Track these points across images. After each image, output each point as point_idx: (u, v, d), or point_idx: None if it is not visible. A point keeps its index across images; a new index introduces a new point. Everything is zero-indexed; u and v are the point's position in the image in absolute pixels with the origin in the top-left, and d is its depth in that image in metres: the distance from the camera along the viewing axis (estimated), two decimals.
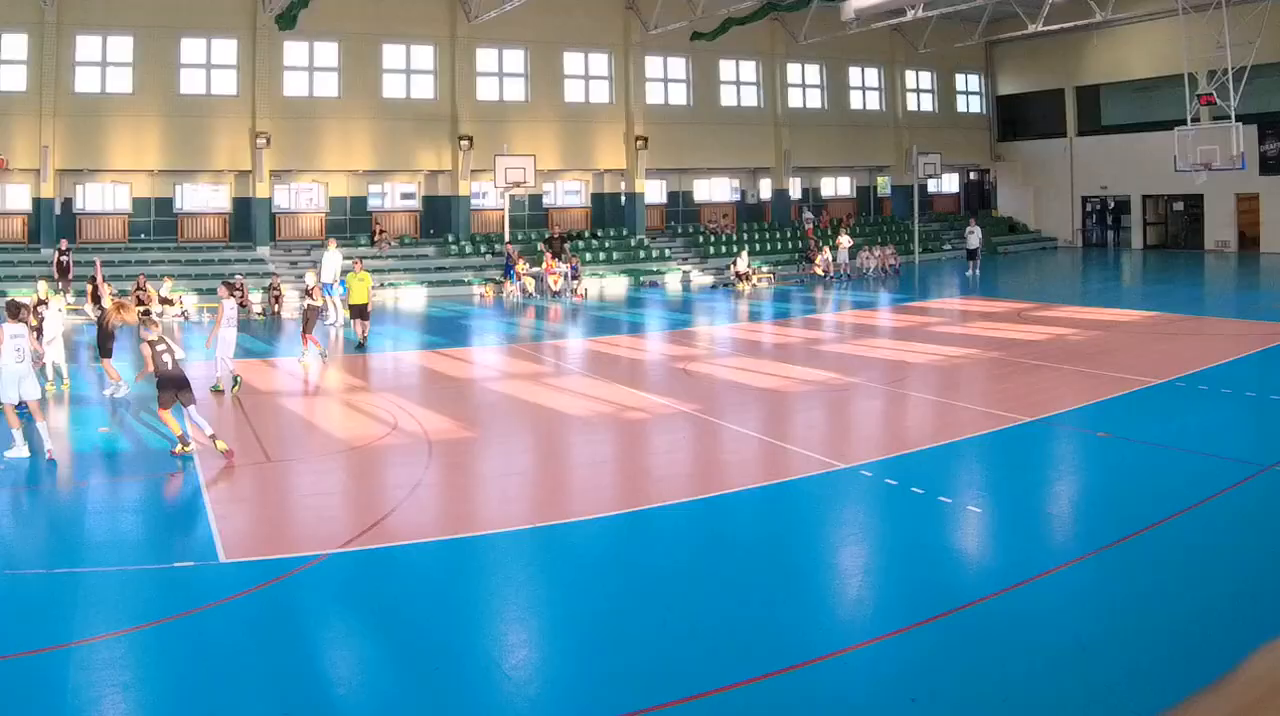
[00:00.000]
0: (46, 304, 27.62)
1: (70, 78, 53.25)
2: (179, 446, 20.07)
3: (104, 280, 42.44)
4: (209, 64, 55.94)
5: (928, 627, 11.87)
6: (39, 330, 24.37)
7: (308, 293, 34.13)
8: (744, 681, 10.65)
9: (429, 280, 55.78)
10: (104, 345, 26.81)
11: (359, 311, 35.35)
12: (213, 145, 55.64)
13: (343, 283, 39.80)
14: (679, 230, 67.73)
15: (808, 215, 68.72)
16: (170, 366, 19.97)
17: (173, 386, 19.90)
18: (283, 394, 27.75)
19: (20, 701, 10.37)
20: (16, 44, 52.37)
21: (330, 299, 41.45)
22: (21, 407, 20.16)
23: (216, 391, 26.17)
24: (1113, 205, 75.36)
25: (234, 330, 26.64)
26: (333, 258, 45.20)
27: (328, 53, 57.96)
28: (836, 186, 75.52)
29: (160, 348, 19.99)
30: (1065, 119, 74.87)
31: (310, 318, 32.32)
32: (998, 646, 11.58)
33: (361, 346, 34.28)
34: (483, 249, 59.60)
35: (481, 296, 53.40)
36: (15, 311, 20.60)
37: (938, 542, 15.21)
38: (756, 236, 66.18)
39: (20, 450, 19.83)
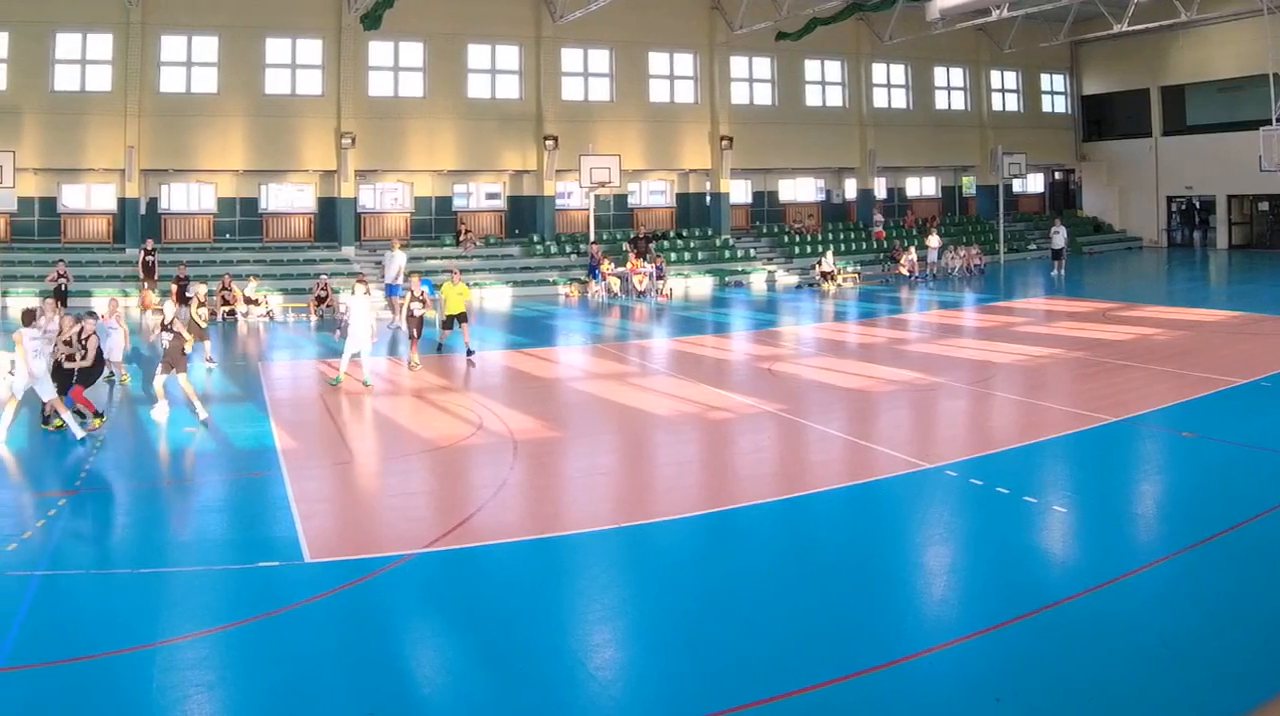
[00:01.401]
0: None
1: (155, 78, 51.04)
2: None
3: (183, 281, 41.01)
4: (294, 64, 53.62)
5: (1013, 627, 11.62)
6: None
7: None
8: (829, 681, 10.38)
9: (514, 280, 53.35)
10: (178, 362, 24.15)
11: (452, 321, 32.10)
12: (298, 145, 53.48)
13: (428, 284, 36.30)
14: (764, 230, 64.60)
15: (877, 218, 64.81)
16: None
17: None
18: (367, 394, 26.22)
19: (106, 702, 10.11)
20: (102, 44, 50.12)
21: (394, 301, 39.30)
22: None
23: (334, 384, 26.10)
24: (1198, 205, 71.91)
25: (367, 325, 25.93)
26: (396, 258, 42.68)
27: (413, 53, 55.66)
28: (921, 186, 71.84)
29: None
30: (1150, 119, 70.63)
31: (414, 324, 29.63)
32: (1083, 646, 11.13)
33: (469, 352, 31.38)
34: (568, 249, 57.16)
35: (566, 296, 51.14)
36: (30, 318, 20.84)
37: (1023, 543, 14.85)
38: (841, 236, 63.26)
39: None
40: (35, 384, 20.52)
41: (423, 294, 29.71)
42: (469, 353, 31.32)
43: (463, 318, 31.72)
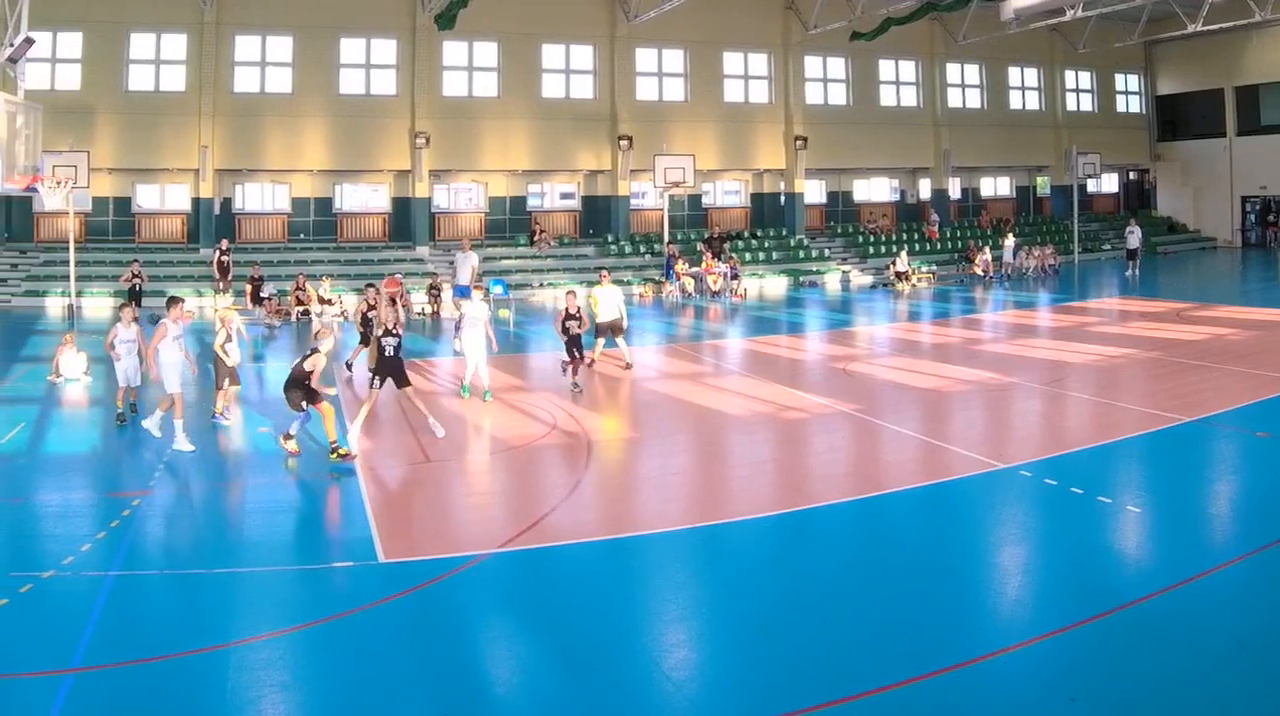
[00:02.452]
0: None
1: (229, 78, 49.12)
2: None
3: (258, 281, 40.96)
4: (368, 64, 51.40)
5: (1087, 627, 11.21)
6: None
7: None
8: (904, 681, 10.00)
9: (588, 280, 48.74)
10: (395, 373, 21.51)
11: (606, 328, 28.53)
12: (372, 145, 51.16)
13: (501, 283, 34.10)
14: (838, 230, 61.86)
15: (934, 217, 61.88)
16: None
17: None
18: (442, 394, 24.98)
19: (180, 702, 9.82)
20: (176, 44, 48.24)
21: (457, 302, 36.91)
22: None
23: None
24: (1273, 205, 67.88)
25: (479, 331, 23.90)
26: (469, 259, 40.05)
27: (487, 52, 53.25)
28: (996, 187, 68.66)
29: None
30: (1225, 118, 66.99)
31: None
32: (1157, 646, 10.83)
33: (627, 367, 28.24)
34: (642, 249, 54.94)
35: (641, 296, 48.46)
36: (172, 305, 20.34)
37: (1097, 542, 14.29)
38: (916, 236, 60.36)
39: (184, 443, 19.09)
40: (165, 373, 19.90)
41: (578, 311, 25.40)
42: (627, 366, 28.21)
43: (616, 328, 28.33)
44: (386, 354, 20.24)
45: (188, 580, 13.03)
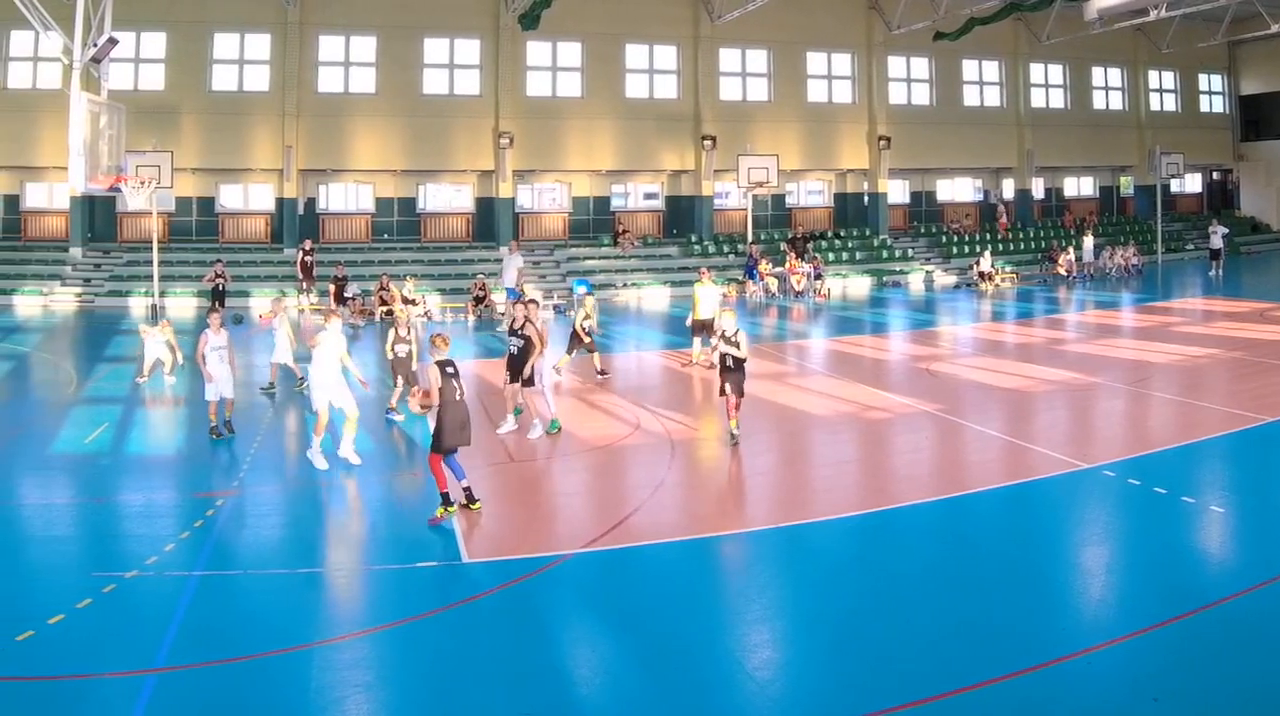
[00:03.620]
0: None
1: (313, 78, 46.57)
2: (441, 511, 14.99)
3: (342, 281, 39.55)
4: (451, 64, 48.56)
5: (1171, 627, 10.87)
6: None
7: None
8: (987, 681, 9.64)
9: (671, 280, 47.73)
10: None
11: (702, 327, 26.44)
12: (456, 145, 48.36)
13: (585, 284, 33.40)
14: (921, 230, 58.11)
15: (1000, 209, 58.73)
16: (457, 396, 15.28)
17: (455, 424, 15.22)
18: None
19: (263, 702, 9.48)
20: (259, 44, 45.80)
21: (511, 305, 34.10)
22: None
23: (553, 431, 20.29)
24: None
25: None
26: (514, 261, 38.05)
27: (570, 52, 50.13)
28: (1079, 186, 63.83)
29: (450, 371, 15.40)
30: None
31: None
32: (1241, 646, 10.36)
33: (712, 366, 24.74)
34: (725, 249, 51.44)
35: (724, 296, 44.07)
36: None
37: (1180, 542, 13.80)
38: (999, 236, 56.96)
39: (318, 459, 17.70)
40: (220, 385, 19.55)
41: (736, 335, 19.28)
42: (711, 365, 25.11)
43: (710, 327, 24.75)
44: (511, 352, 19.46)
45: (271, 580, 12.63)
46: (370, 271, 42.96)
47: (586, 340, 25.10)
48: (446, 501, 14.81)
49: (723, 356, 18.85)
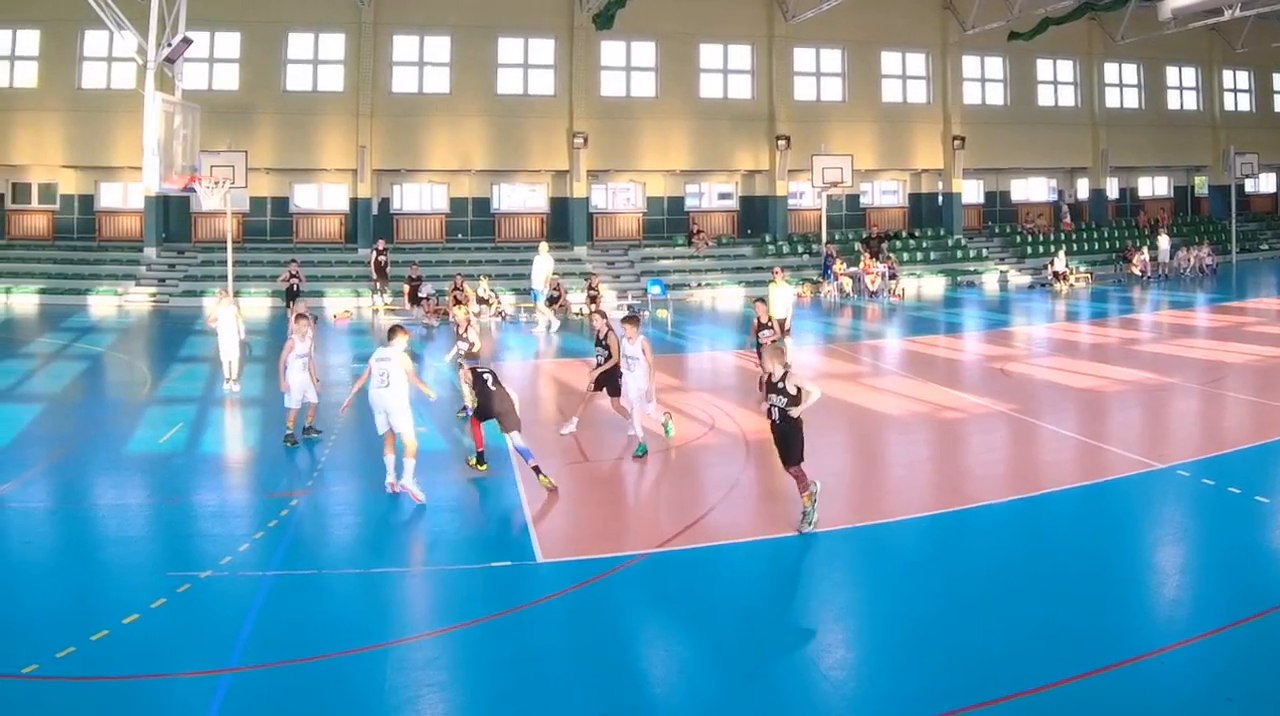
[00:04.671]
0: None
1: (387, 78, 44.01)
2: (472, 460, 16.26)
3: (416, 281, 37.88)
4: (526, 64, 45.82)
5: (1245, 627, 10.21)
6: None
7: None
8: (1061, 681, 9.15)
9: (745, 280, 44.92)
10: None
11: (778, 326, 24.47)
12: (530, 145, 45.72)
13: (659, 284, 32.18)
14: (996, 230, 54.61)
15: (1065, 211, 55.85)
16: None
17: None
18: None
19: (337, 702, 9.11)
20: (334, 44, 43.41)
21: (539, 305, 34.80)
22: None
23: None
24: None
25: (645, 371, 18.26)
26: (543, 262, 35.88)
27: (645, 52, 47.22)
28: (1153, 186, 59.36)
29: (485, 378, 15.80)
30: None
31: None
32: None
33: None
34: (800, 249, 48.36)
35: (799, 296, 42.43)
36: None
37: (1254, 542, 13.01)
38: (1074, 236, 53.29)
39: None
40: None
41: (770, 320, 20.31)
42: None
43: (782, 327, 24.61)
44: (598, 362, 18.61)
45: (345, 580, 12.14)
46: (444, 271, 40.46)
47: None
48: (480, 458, 15.86)
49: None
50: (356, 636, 10.43)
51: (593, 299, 37.35)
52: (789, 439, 13.51)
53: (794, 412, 13.18)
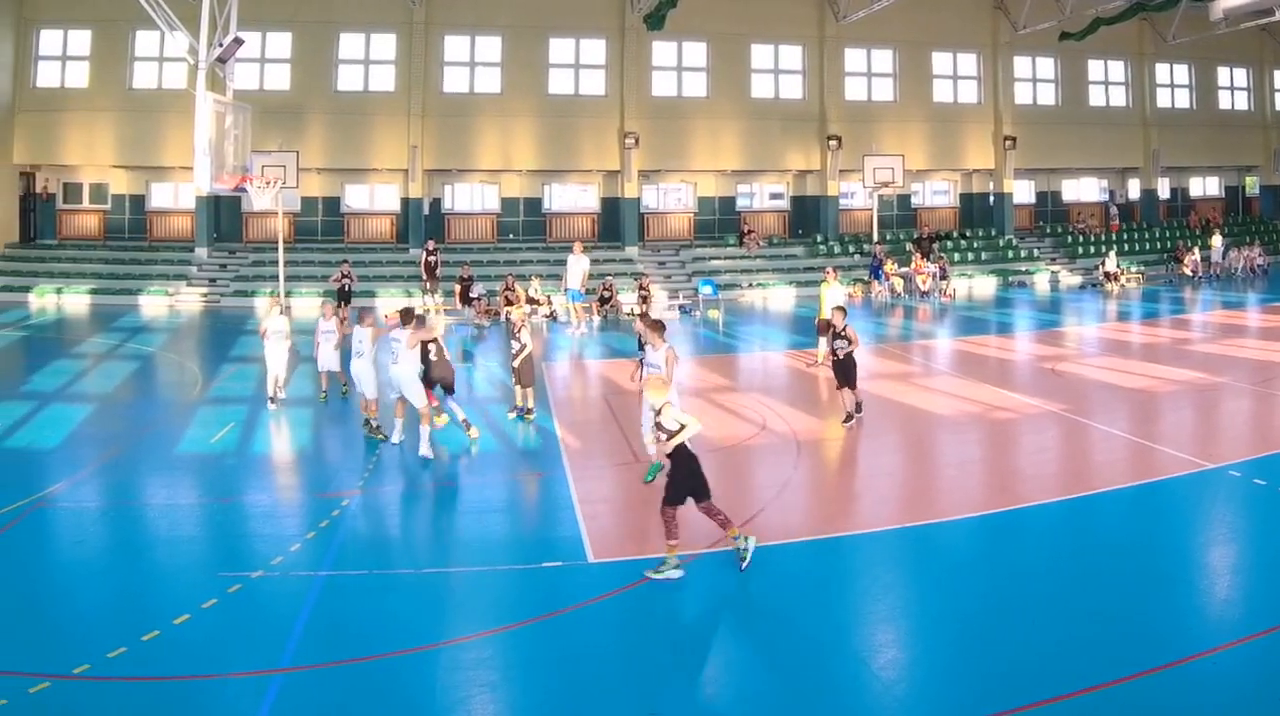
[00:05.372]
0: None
1: (439, 78, 42.23)
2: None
3: (467, 281, 36.46)
4: (577, 64, 43.90)
5: None
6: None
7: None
8: (1112, 681, 8.85)
9: (796, 280, 42.95)
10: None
11: (827, 327, 23.36)
12: (581, 145, 43.87)
13: (710, 284, 32.28)
14: (1047, 230, 51.98)
15: (1113, 211, 53.45)
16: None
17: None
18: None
19: (389, 702, 8.80)
20: (385, 44, 41.69)
21: (575, 306, 33.17)
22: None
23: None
24: None
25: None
26: (578, 263, 33.91)
27: (696, 53, 45.16)
28: (1205, 186, 56.90)
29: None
30: None
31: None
32: None
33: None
34: (851, 249, 46.08)
35: (850, 296, 40.30)
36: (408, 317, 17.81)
37: None
38: (1125, 236, 50.77)
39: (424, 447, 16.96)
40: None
41: (845, 329, 19.10)
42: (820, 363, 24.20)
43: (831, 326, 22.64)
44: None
45: (396, 580, 11.67)
46: (495, 272, 38.98)
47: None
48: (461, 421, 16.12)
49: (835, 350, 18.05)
50: (408, 636, 10.12)
51: (644, 299, 35.99)
52: (673, 472, 11.90)
53: (669, 446, 11.84)
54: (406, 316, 17.60)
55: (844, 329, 18.80)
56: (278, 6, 39.89)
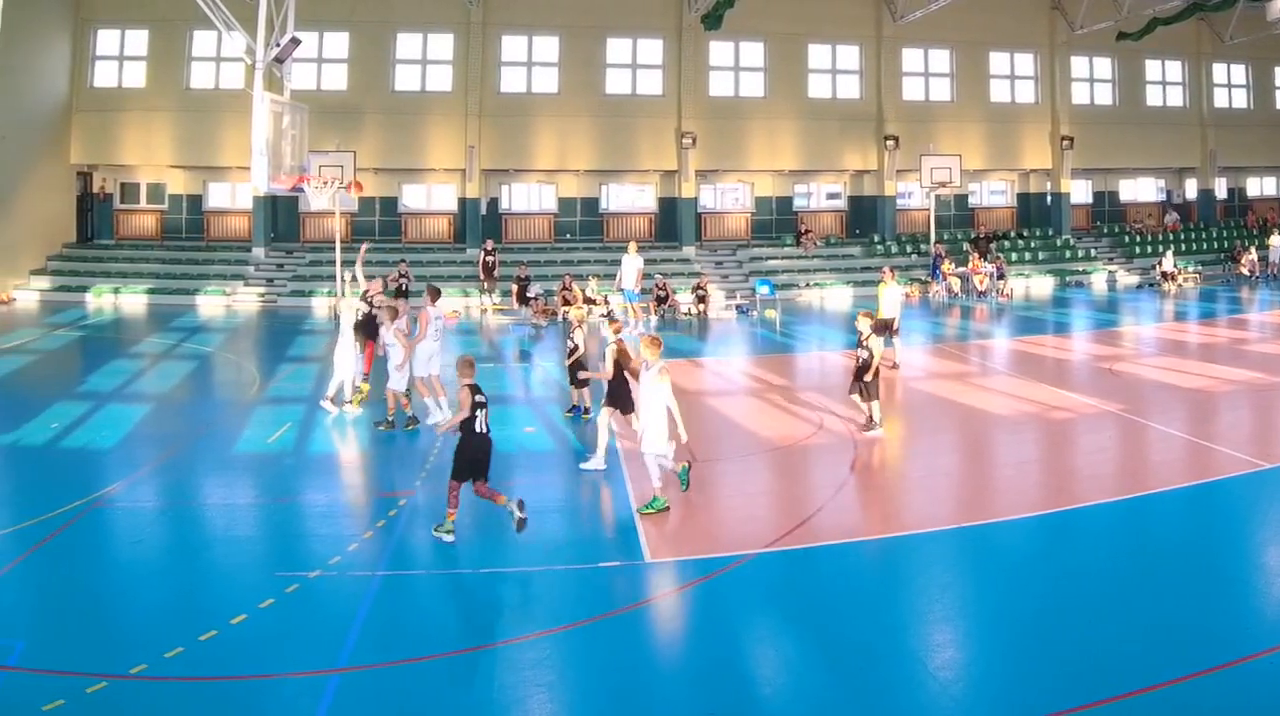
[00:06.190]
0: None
1: (496, 78, 40.30)
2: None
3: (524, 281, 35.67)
4: (634, 64, 41.91)
5: None
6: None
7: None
8: (1170, 681, 8.52)
9: (854, 280, 40.99)
10: None
11: (884, 327, 23.10)
12: (638, 145, 41.89)
13: (768, 284, 31.80)
14: (1104, 230, 49.75)
15: (1174, 216, 50.98)
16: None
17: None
18: (709, 394, 21.77)
19: (447, 701, 8.55)
20: (442, 44, 39.88)
21: (632, 306, 31.61)
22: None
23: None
24: None
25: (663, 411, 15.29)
26: (632, 262, 32.02)
27: (753, 53, 43.10)
28: (1262, 186, 54.12)
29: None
30: None
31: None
32: None
33: (894, 366, 23.46)
34: (908, 249, 43.97)
35: (907, 296, 38.65)
36: (437, 294, 18.42)
37: None
38: (1182, 236, 48.23)
39: (437, 414, 17.48)
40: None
41: (867, 340, 18.08)
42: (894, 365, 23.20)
43: (891, 327, 23.64)
44: None
45: (454, 580, 11.26)
46: (552, 272, 37.16)
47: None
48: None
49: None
50: (465, 636, 9.92)
51: (701, 299, 34.62)
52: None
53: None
54: (435, 294, 18.36)
55: (865, 338, 17.72)
56: (335, 6, 38.28)
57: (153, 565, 11.77)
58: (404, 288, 31.89)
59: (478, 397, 12.27)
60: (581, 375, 17.75)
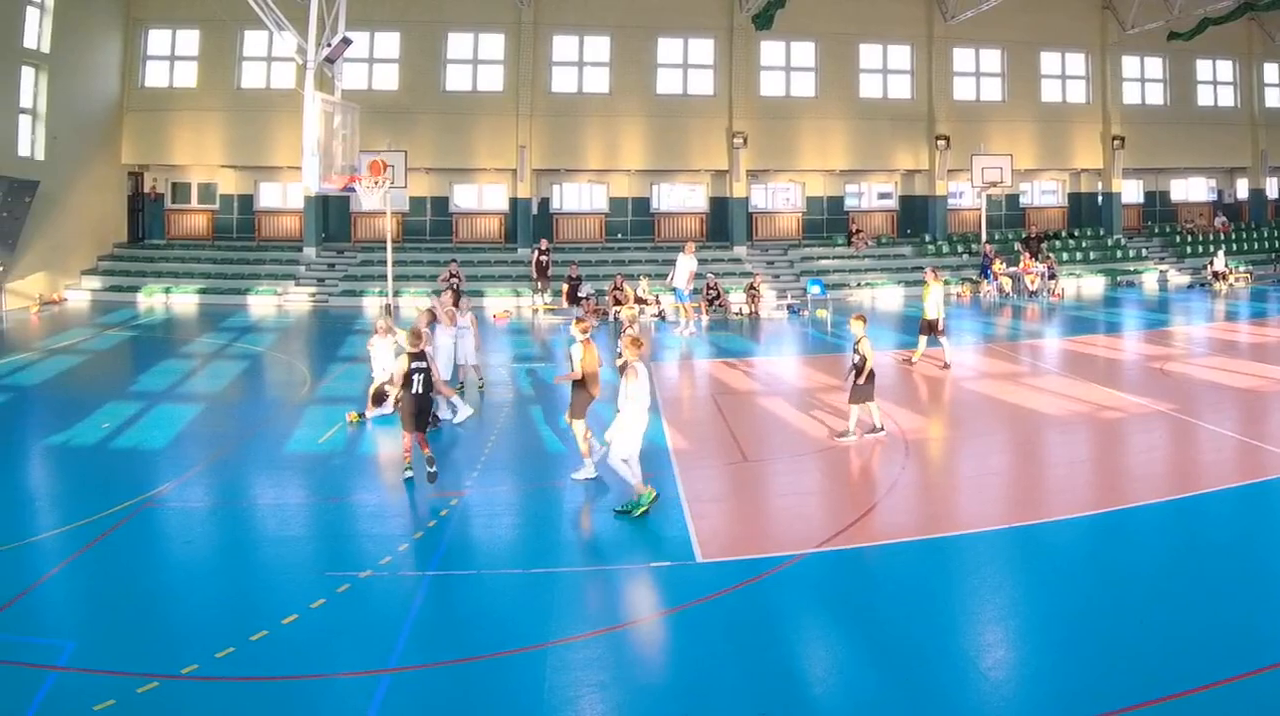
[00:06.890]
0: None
1: (547, 78, 38.62)
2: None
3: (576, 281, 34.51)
4: (685, 64, 40.07)
5: None
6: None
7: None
8: (1221, 681, 8.20)
9: (905, 280, 39.31)
10: None
11: (928, 327, 23.37)
12: (689, 145, 40.10)
13: (819, 284, 31.58)
14: (1155, 230, 47.54)
15: (1222, 219, 48.84)
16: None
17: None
18: (758, 394, 20.96)
19: (497, 701, 8.22)
20: (493, 44, 38.21)
21: (684, 306, 30.05)
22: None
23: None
24: None
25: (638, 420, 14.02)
26: (686, 263, 30.49)
27: (804, 52, 41.25)
28: None
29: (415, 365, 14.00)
30: None
31: None
32: None
33: (945, 366, 23.24)
34: (959, 248, 42.12)
35: (959, 296, 38.30)
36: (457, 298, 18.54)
37: None
38: (1234, 236, 46.19)
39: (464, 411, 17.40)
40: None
41: (860, 344, 17.16)
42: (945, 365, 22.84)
43: (936, 326, 23.07)
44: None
45: (505, 580, 10.80)
46: (604, 271, 35.64)
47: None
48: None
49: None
50: (516, 636, 9.37)
51: (752, 299, 33.20)
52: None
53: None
54: (455, 298, 18.87)
55: (858, 342, 16.64)
56: (386, 6, 36.88)
57: (204, 565, 11.45)
58: (455, 287, 30.27)
59: (413, 365, 13.64)
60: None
